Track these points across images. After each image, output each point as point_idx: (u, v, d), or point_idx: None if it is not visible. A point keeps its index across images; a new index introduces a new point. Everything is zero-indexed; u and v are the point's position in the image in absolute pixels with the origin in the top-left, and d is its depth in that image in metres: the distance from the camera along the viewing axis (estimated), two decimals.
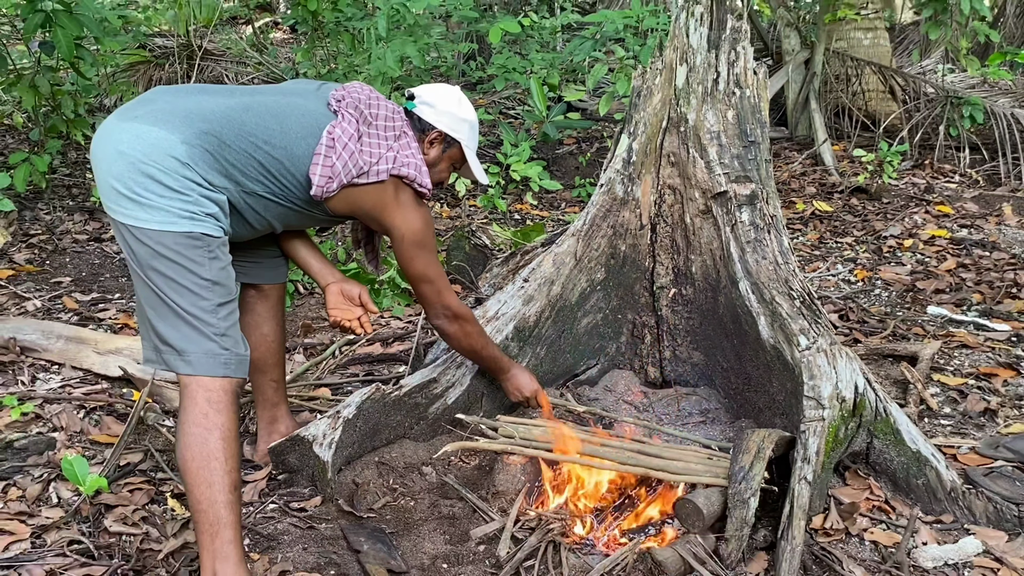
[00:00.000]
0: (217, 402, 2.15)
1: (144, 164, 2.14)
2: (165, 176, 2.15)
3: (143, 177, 2.14)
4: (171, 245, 2.15)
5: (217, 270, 2.22)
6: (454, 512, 2.65)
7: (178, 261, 2.16)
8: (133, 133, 2.18)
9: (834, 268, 5.00)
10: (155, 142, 2.17)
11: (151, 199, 2.14)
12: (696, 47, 3.12)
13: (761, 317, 2.89)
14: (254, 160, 2.31)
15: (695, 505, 2.41)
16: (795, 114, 7.74)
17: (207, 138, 2.22)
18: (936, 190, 6.43)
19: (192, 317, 2.17)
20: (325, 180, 2.38)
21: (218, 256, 2.23)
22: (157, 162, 2.15)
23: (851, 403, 2.63)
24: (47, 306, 4.13)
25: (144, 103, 2.31)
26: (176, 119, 2.22)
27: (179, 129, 2.20)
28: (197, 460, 2.10)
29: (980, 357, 3.75)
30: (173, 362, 2.18)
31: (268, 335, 2.82)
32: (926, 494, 2.67)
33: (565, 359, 3.29)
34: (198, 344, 2.17)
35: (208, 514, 2.08)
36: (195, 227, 2.18)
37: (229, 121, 2.28)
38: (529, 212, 6.02)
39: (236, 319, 2.28)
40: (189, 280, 2.17)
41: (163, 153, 2.16)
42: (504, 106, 8.05)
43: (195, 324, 2.17)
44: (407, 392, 2.91)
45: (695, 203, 3.14)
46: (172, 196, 2.16)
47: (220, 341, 2.19)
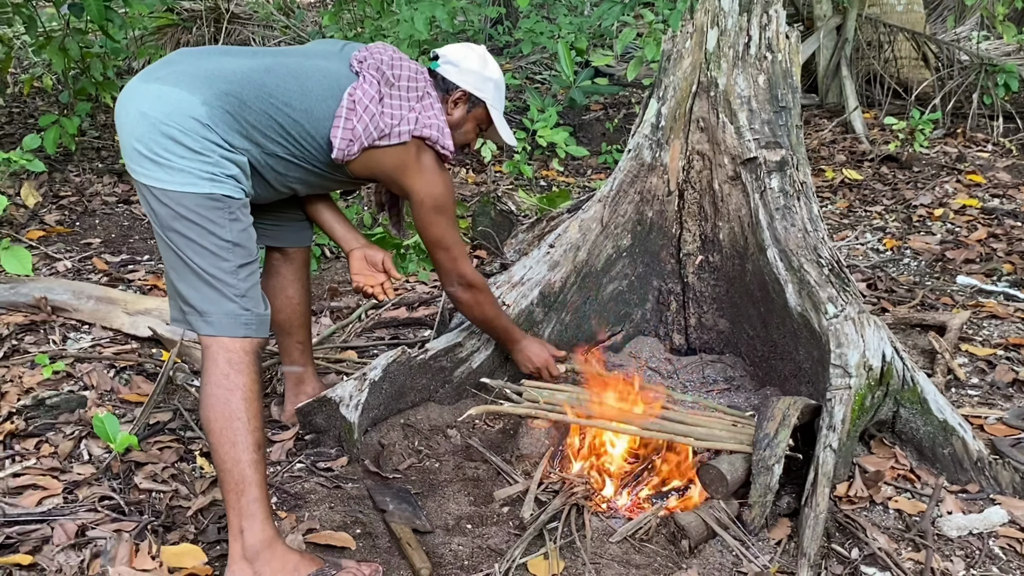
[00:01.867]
0: (238, 363, 2.15)
1: (165, 125, 2.13)
2: (185, 137, 2.14)
3: (164, 138, 2.13)
4: (191, 207, 2.14)
5: (238, 232, 2.21)
6: (478, 474, 2.68)
7: (198, 222, 2.15)
8: (155, 94, 2.17)
9: (863, 237, 4.95)
10: (176, 103, 2.15)
11: (172, 160, 2.13)
12: (728, 10, 3.08)
13: (789, 285, 2.87)
14: (274, 122, 2.30)
15: (719, 471, 2.41)
16: (826, 81, 7.63)
17: (228, 99, 2.21)
18: (968, 159, 6.34)
19: (212, 278, 2.16)
20: (346, 143, 2.37)
21: (239, 218, 2.21)
22: (178, 123, 2.14)
23: (878, 372, 2.61)
24: (77, 267, 4.18)
25: (167, 64, 2.30)
26: (197, 80, 2.20)
27: (200, 90, 2.18)
28: (220, 420, 2.10)
29: (1009, 328, 3.71)
30: (195, 323, 2.18)
31: (293, 297, 2.84)
32: (952, 464, 2.66)
33: (590, 325, 3.29)
34: (219, 305, 2.16)
35: (233, 473, 2.08)
36: (215, 188, 2.17)
37: (250, 82, 2.26)
38: (555, 178, 5.99)
39: (257, 280, 2.26)
40: (209, 241, 2.16)
41: (184, 114, 2.15)
42: (531, 71, 7.99)
43: (215, 285, 2.16)
44: (432, 356, 2.93)
45: (724, 169, 3.11)
46: (192, 157, 2.15)
47: (240, 302, 2.18)
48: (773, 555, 2.31)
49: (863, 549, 2.34)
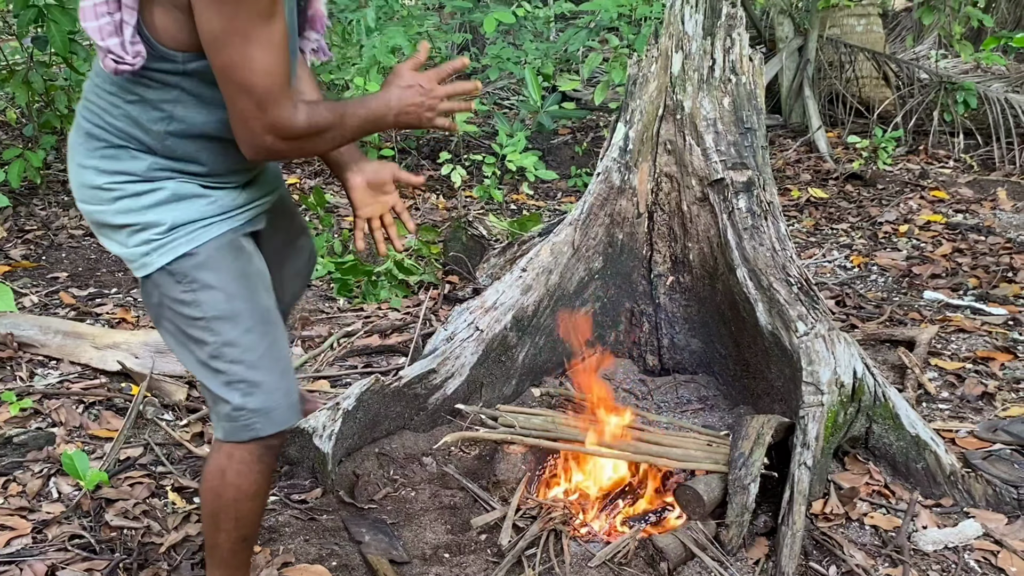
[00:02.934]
0: (238, 461, 1.84)
1: (87, 211, 1.82)
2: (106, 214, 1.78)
3: (97, 222, 1.81)
4: (155, 291, 1.80)
5: (210, 300, 1.77)
6: (455, 502, 2.66)
7: (168, 306, 1.81)
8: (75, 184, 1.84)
9: (830, 254, 5.00)
10: (74, 182, 1.82)
11: (120, 241, 1.80)
12: (692, 34, 3.12)
13: (759, 303, 2.89)
14: (115, 106, 1.74)
15: (695, 492, 2.41)
16: (789, 101, 7.74)
17: (91, 135, 1.77)
18: (931, 175, 6.44)
19: (207, 376, 1.82)
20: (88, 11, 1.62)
21: (204, 282, 1.77)
22: (88, 200, 1.81)
23: (850, 388, 2.63)
24: (44, 301, 4.13)
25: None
26: (73, 134, 1.83)
27: (73, 149, 1.81)
28: (208, 507, 1.90)
29: (977, 341, 3.76)
30: (215, 423, 1.88)
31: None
32: (925, 478, 2.68)
33: (564, 348, 3.29)
34: (217, 406, 1.83)
35: (214, 552, 1.95)
36: (163, 255, 1.76)
37: (87, 93, 1.80)
38: (525, 202, 6.01)
39: (252, 351, 1.81)
40: (186, 324, 1.80)
41: (85, 189, 1.80)
42: (499, 96, 8.04)
43: (210, 385, 1.82)
44: (406, 383, 2.91)
45: (692, 191, 3.14)
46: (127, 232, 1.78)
47: (235, 397, 1.80)
48: (752, 575, 2.31)
49: (840, 566, 2.35)
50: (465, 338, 3.05)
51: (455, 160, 5.95)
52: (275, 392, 1.82)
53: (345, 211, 5.61)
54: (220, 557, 1.96)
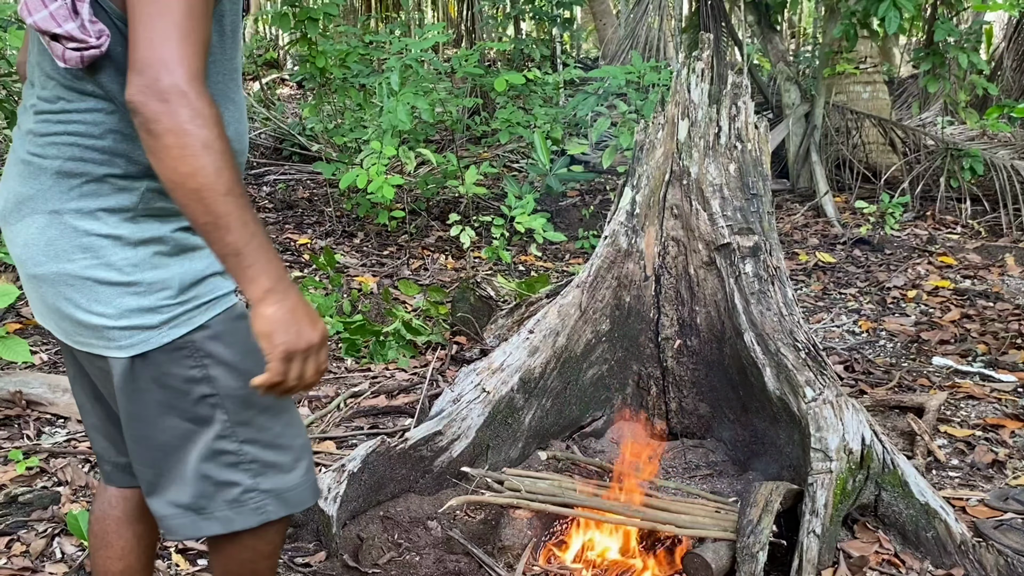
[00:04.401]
0: (251, 549, 1.66)
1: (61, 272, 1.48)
2: (92, 268, 1.46)
3: (74, 287, 1.48)
4: (151, 371, 1.51)
5: (223, 376, 1.53)
6: (460, 567, 2.63)
7: (171, 386, 1.53)
8: (20, 244, 1.52)
9: (838, 319, 5.00)
10: (42, 238, 1.48)
11: (103, 312, 1.47)
12: (698, 102, 3.17)
13: (767, 368, 2.89)
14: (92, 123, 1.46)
15: (704, 560, 2.39)
16: (796, 166, 7.81)
17: (65, 172, 1.47)
18: (938, 241, 6.46)
19: (203, 461, 1.56)
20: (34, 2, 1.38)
21: (218, 357, 1.53)
22: (72, 259, 1.47)
23: (858, 455, 2.62)
24: (53, 360, 4.14)
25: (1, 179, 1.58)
26: (26, 187, 1.50)
27: (41, 199, 1.49)
28: None
29: (987, 408, 3.74)
30: (191, 526, 1.59)
31: (143, 537, 1.86)
32: (936, 547, 2.65)
33: (571, 411, 3.28)
34: (217, 494, 1.58)
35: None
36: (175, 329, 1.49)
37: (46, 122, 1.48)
38: (533, 263, 6.04)
39: (265, 431, 1.59)
40: (192, 409, 1.54)
41: (66, 244, 1.47)
42: (508, 159, 8.14)
43: (205, 471, 1.56)
44: (412, 445, 2.90)
45: (699, 255, 3.16)
46: (124, 290, 1.47)
47: (243, 478, 1.58)
48: None
49: None
50: (472, 400, 3.05)
51: (464, 221, 6.01)
52: (291, 472, 1.63)
53: (355, 271, 5.65)
54: None
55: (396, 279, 5.44)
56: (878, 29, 6.56)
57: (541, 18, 9.56)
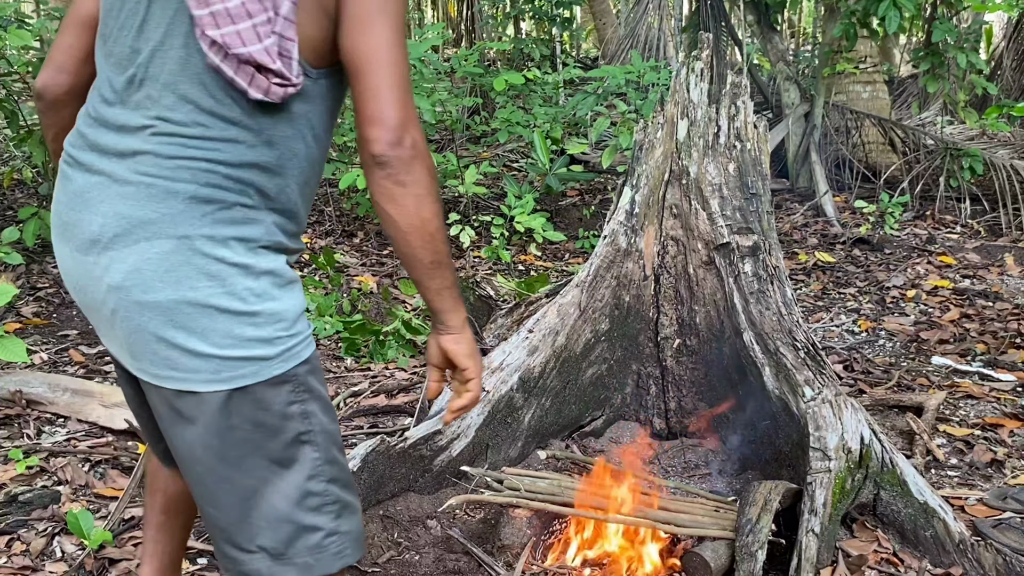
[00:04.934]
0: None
1: (181, 299, 1.43)
2: (216, 296, 1.44)
3: (192, 316, 1.44)
4: (251, 404, 1.48)
5: (319, 410, 1.54)
6: (459, 566, 2.64)
7: (266, 424, 1.49)
8: (124, 270, 1.44)
9: (837, 319, 5.01)
10: (166, 262, 1.43)
11: (216, 341, 1.44)
12: (697, 101, 3.18)
13: (766, 368, 2.90)
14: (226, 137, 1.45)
15: (703, 559, 2.39)
16: (796, 166, 7.82)
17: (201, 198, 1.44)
18: (938, 241, 6.47)
19: (289, 505, 1.52)
20: (248, 33, 1.39)
21: (316, 391, 1.54)
22: (195, 286, 1.43)
23: (857, 454, 2.62)
24: (54, 359, 4.15)
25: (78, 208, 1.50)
26: (149, 210, 1.44)
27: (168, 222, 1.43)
28: None
29: (986, 407, 3.74)
30: (262, 572, 1.55)
31: None
32: (934, 546, 2.65)
33: (571, 410, 3.29)
34: (298, 540, 1.54)
35: None
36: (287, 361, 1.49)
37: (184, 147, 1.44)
38: (533, 263, 6.05)
39: (344, 469, 1.61)
40: (284, 449, 1.51)
41: (191, 269, 1.44)
42: (508, 159, 8.14)
43: (290, 515, 1.52)
44: (412, 444, 2.91)
45: (698, 254, 3.17)
46: (243, 320, 1.45)
47: (326, 521, 1.56)
48: None
49: None
50: None
51: (464, 221, 6.01)
52: (359, 512, 1.63)
53: (354, 271, 5.65)
54: None
55: (396, 278, 5.44)
56: (878, 29, 6.56)
57: (541, 18, 9.57)
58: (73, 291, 1.55)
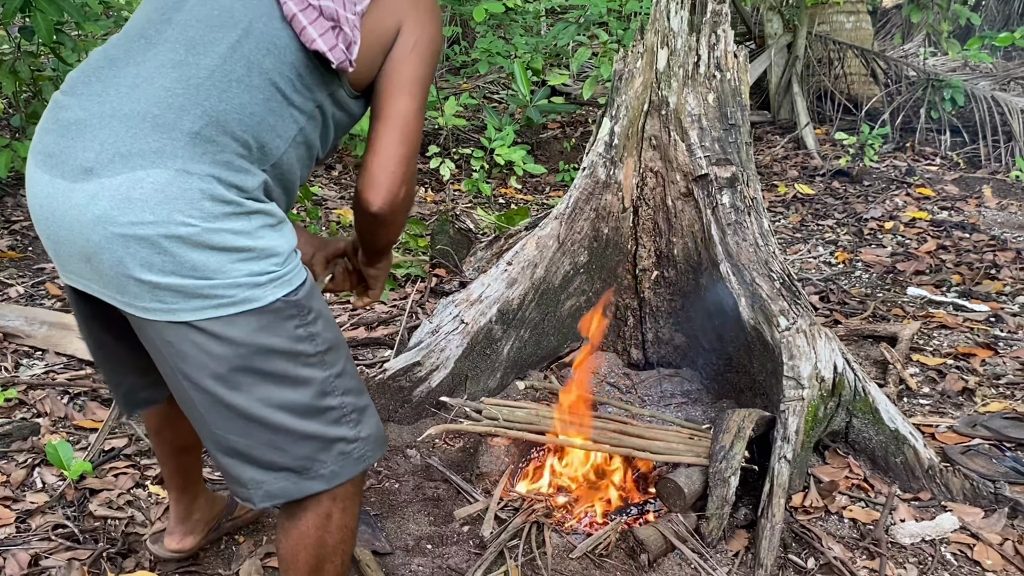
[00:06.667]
0: (343, 498, 1.67)
1: (170, 233, 1.42)
2: (208, 234, 1.44)
3: (180, 249, 1.43)
4: (258, 328, 1.49)
5: (322, 330, 1.58)
6: (438, 494, 2.67)
7: (275, 348, 1.51)
8: (113, 199, 1.42)
9: (815, 250, 5.03)
10: (158, 194, 1.43)
11: (210, 274, 1.45)
12: (677, 30, 3.14)
13: (741, 299, 2.92)
14: (257, 111, 1.53)
15: (676, 484, 2.43)
16: (777, 97, 7.77)
17: (205, 137, 1.47)
18: (917, 173, 6.48)
19: (308, 422, 1.57)
20: (332, 37, 1.56)
21: (314, 307, 1.57)
22: (187, 220, 1.43)
23: (830, 383, 2.66)
24: (30, 292, 4.12)
25: (73, 136, 1.48)
26: (148, 141, 1.45)
27: (167, 155, 1.44)
28: (311, 561, 1.68)
29: (959, 337, 3.79)
30: (293, 488, 1.60)
31: None
32: (904, 472, 2.71)
33: (549, 341, 3.31)
34: (322, 452, 1.60)
35: None
36: (281, 288, 1.51)
37: (198, 88, 1.49)
38: (513, 196, 6.02)
39: (353, 374, 1.66)
40: (295, 373, 1.54)
41: (181, 205, 1.43)
42: (488, 90, 8.04)
43: (313, 432, 1.58)
44: (391, 375, 2.93)
45: (676, 186, 3.16)
46: (235, 258, 1.47)
47: (349, 428, 1.63)
48: (731, 566, 2.33)
49: (819, 558, 2.37)
50: (450, 331, 3.07)
51: (444, 153, 5.96)
52: (375, 412, 1.71)
53: (332, 204, 5.61)
54: None
55: None
56: None
57: None
58: (43, 222, 1.52)
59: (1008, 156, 6.59)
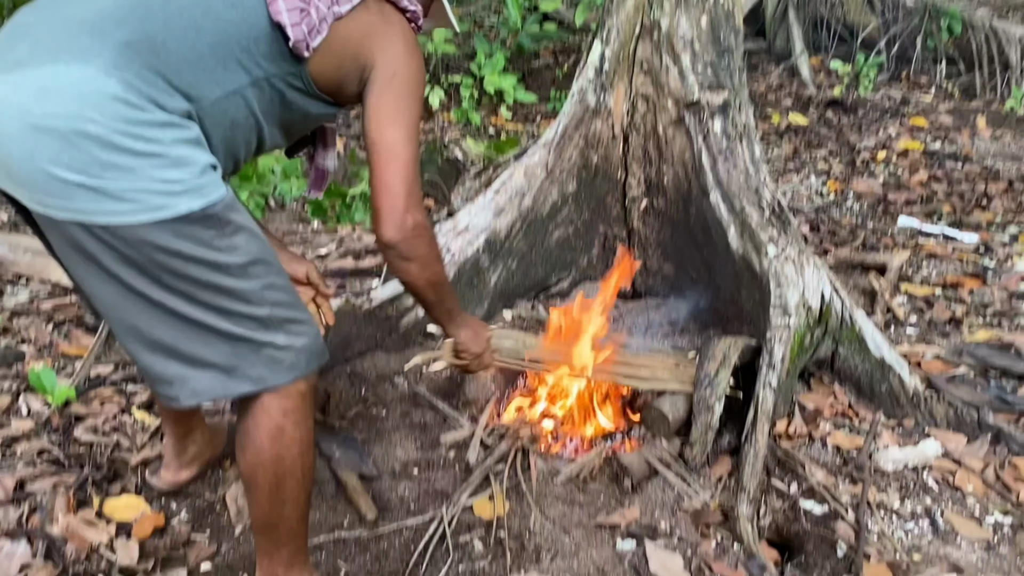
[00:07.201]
0: (294, 411, 1.68)
1: (80, 129, 1.41)
2: (119, 135, 1.43)
3: (91, 147, 1.42)
4: (172, 239, 1.48)
5: (244, 243, 1.57)
6: (425, 420, 2.68)
7: (193, 256, 1.50)
8: (31, 88, 1.43)
9: (807, 181, 5.00)
10: (74, 89, 1.42)
11: (118, 177, 1.43)
12: None
13: (731, 227, 2.89)
14: (201, 50, 1.55)
15: (660, 411, 2.44)
16: (774, 25, 7.63)
17: (135, 50, 1.48)
18: (911, 102, 6.41)
19: (233, 325, 1.58)
20: (298, 15, 1.61)
21: (235, 221, 1.56)
22: (97, 118, 1.42)
23: (817, 311, 2.65)
24: (14, 220, 4.08)
25: (17, 36, 1.52)
26: (79, 40, 1.47)
27: (92, 54, 1.45)
28: (271, 478, 1.69)
29: (947, 267, 3.79)
30: (219, 386, 1.61)
31: None
32: (889, 400, 2.72)
33: (537, 272, 3.29)
34: (249, 356, 1.61)
35: (279, 528, 1.74)
36: (198, 200, 1.49)
37: (147, 10, 1.53)
38: (504, 126, 5.94)
39: (288, 289, 1.67)
40: (217, 279, 1.54)
41: (97, 101, 1.42)
42: (479, 16, 7.88)
43: (240, 333, 1.59)
44: (378, 305, 2.91)
45: (668, 112, 3.11)
46: (144, 162, 1.45)
47: (279, 337, 1.63)
48: (714, 491, 2.35)
49: (801, 484, 2.40)
50: None
51: (433, 81, 5.86)
52: (314, 327, 1.72)
53: None
54: (288, 530, 1.75)
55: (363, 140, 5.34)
56: None
57: None
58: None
59: (1004, 86, 6.52)
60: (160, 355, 1.58)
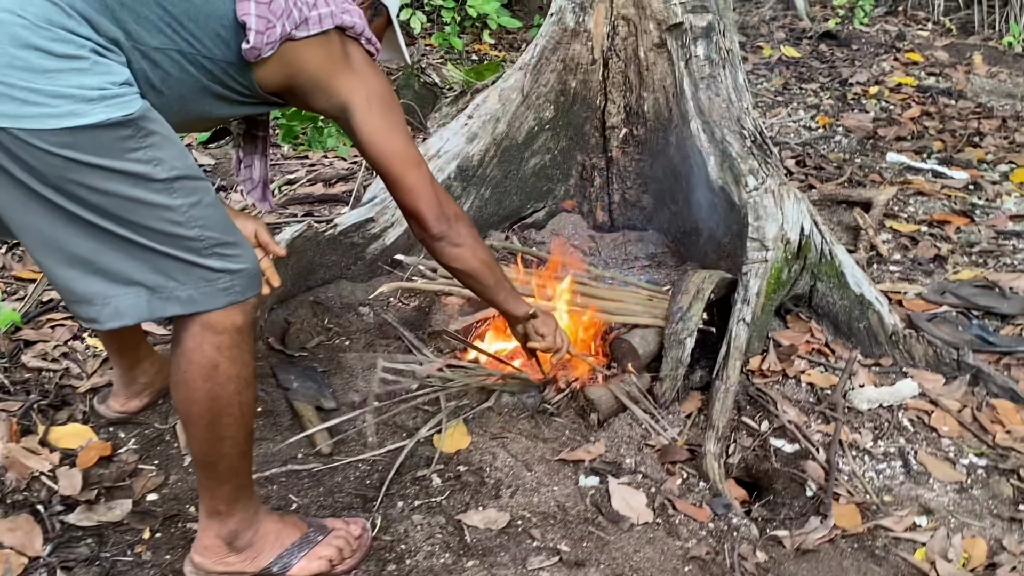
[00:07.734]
0: (229, 347, 1.57)
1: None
2: (37, 35, 1.35)
3: (5, 41, 1.33)
4: (89, 148, 1.38)
5: (166, 156, 1.47)
6: (390, 351, 2.60)
7: (110, 167, 1.40)
8: None
9: (795, 114, 4.86)
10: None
11: (32, 80, 1.34)
12: None
13: (711, 157, 2.78)
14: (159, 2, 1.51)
15: (630, 345, 2.36)
16: None
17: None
18: (907, 37, 6.24)
19: (156, 241, 1.47)
20: (264, 24, 1.59)
21: (156, 132, 1.46)
22: (17, 16, 1.35)
23: (796, 245, 2.56)
24: None
25: None
26: None
27: None
28: (206, 416, 1.60)
29: (935, 204, 3.69)
30: (144, 307, 1.49)
31: None
32: (867, 337, 2.65)
33: (511, 201, 3.18)
34: (177, 273, 1.50)
35: (218, 466, 1.66)
36: (115, 109, 1.39)
37: None
38: (487, 52, 5.77)
39: (221, 213, 1.57)
40: (136, 191, 1.43)
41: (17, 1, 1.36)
42: None
43: (164, 249, 1.48)
44: (343, 231, 2.81)
45: (649, 35, 2.97)
46: (60, 67, 1.36)
47: (209, 259, 1.52)
48: (682, 427, 2.29)
49: (773, 422, 2.33)
50: None
51: (415, 5, 5.67)
52: (250, 251, 1.61)
53: None
54: (228, 467, 1.66)
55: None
56: None
57: None
58: None
59: (1003, 22, 6.35)
60: (79, 270, 1.45)
